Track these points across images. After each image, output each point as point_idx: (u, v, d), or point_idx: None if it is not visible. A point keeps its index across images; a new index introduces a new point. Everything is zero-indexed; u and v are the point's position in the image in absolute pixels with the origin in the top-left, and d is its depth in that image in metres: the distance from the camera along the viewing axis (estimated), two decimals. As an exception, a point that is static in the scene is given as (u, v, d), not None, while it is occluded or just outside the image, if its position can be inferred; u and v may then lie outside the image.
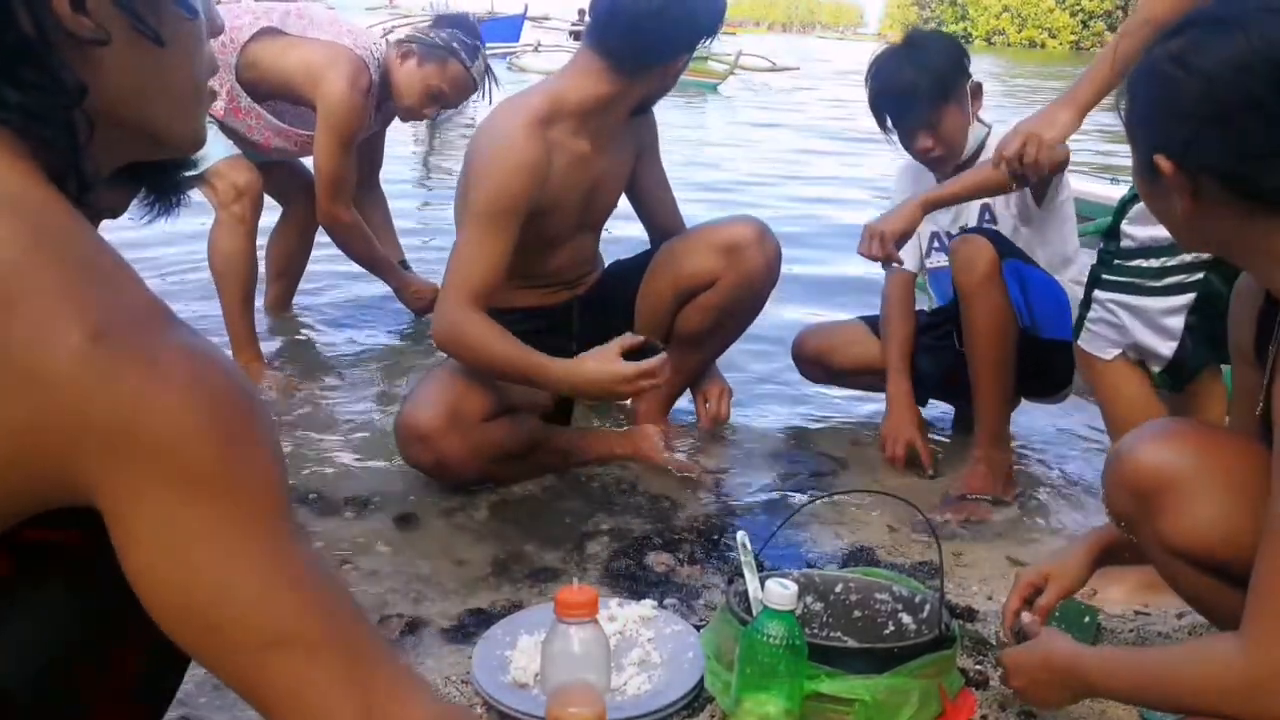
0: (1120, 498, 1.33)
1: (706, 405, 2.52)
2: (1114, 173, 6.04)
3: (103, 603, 0.74)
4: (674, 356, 2.42)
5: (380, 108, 2.98)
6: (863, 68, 2.41)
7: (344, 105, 2.76)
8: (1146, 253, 1.84)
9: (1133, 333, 1.87)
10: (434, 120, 3.09)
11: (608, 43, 2.09)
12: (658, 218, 2.49)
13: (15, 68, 0.70)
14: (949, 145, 2.32)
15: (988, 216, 2.39)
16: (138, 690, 0.81)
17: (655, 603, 1.69)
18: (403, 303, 3.31)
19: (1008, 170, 1.93)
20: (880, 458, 2.42)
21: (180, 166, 0.90)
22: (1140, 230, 1.82)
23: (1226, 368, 1.82)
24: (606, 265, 2.51)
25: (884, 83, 2.34)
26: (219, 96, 2.76)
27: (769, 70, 18.88)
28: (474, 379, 2.12)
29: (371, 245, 3.15)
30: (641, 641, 1.56)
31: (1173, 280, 1.82)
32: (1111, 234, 1.89)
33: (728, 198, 5.81)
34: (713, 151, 8.37)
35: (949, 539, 2.05)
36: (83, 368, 0.65)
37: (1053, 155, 1.90)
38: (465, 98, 3.00)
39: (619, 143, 2.28)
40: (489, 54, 3.05)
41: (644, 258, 2.44)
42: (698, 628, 1.61)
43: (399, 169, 5.71)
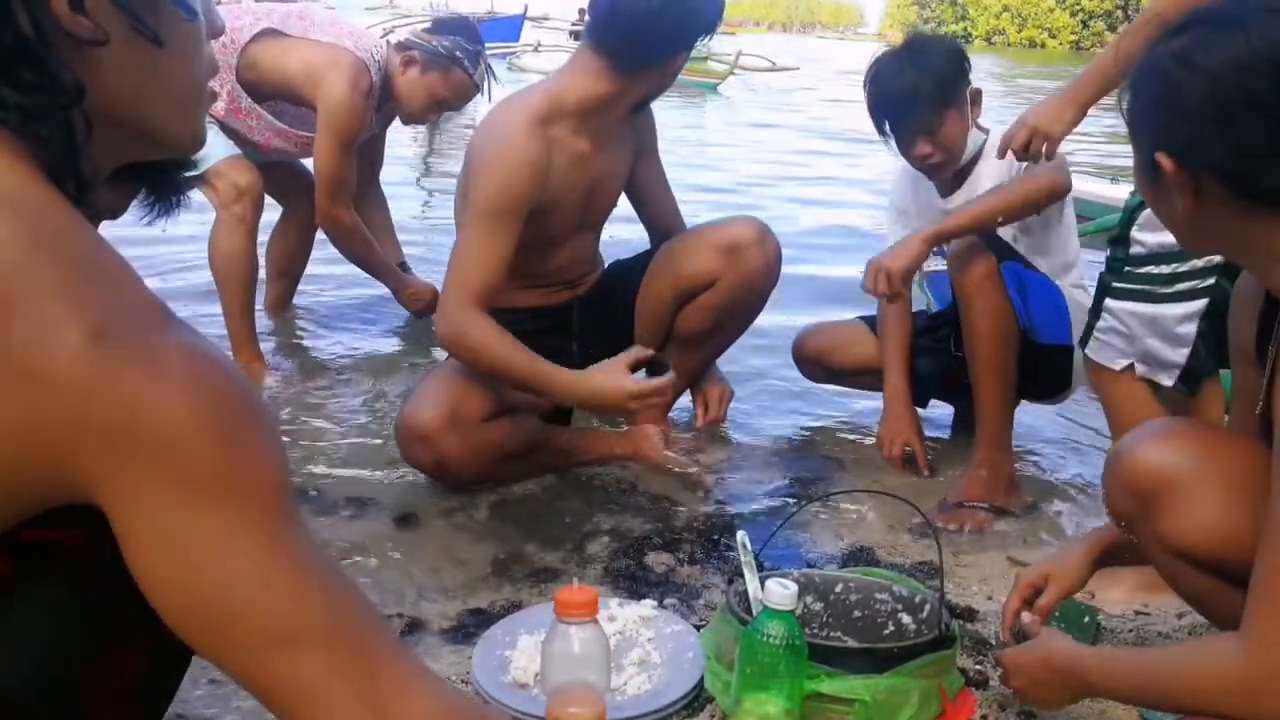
0: (1120, 498, 1.33)
1: (706, 406, 2.53)
2: (1113, 173, 6.04)
3: (103, 603, 0.74)
4: (674, 356, 2.42)
5: (380, 109, 2.98)
6: (863, 68, 2.38)
7: (345, 107, 2.76)
8: (1157, 259, 1.83)
9: (1143, 341, 1.86)
10: (435, 122, 3.10)
11: (607, 41, 2.09)
12: (657, 217, 2.49)
13: (14, 68, 0.70)
14: (948, 152, 2.29)
15: None
16: (138, 690, 0.81)
17: (655, 603, 1.69)
18: (401, 304, 3.32)
19: (1015, 160, 2.04)
20: (880, 458, 2.41)
21: (180, 167, 0.91)
22: (1151, 236, 1.82)
23: (1224, 371, 1.81)
24: (606, 265, 2.51)
25: (883, 87, 2.29)
26: (219, 97, 2.76)
27: (769, 70, 18.86)
28: (474, 379, 2.12)
29: (370, 247, 3.15)
30: (641, 641, 1.56)
31: (1184, 286, 1.82)
32: (1121, 241, 1.88)
33: (728, 199, 5.80)
34: (712, 152, 8.37)
35: (949, 540, 2.05)
36: (82, 367, 0.65)
37: (1055, 149, 1.97)
38: (468, 102, 3.03)
39: (618, 141, 2.28)
40: (489, 54, 3.06)
41: (644, 258, 2.44)
42: (698, 628, 1.61)
43: (399, 170, 5.71)
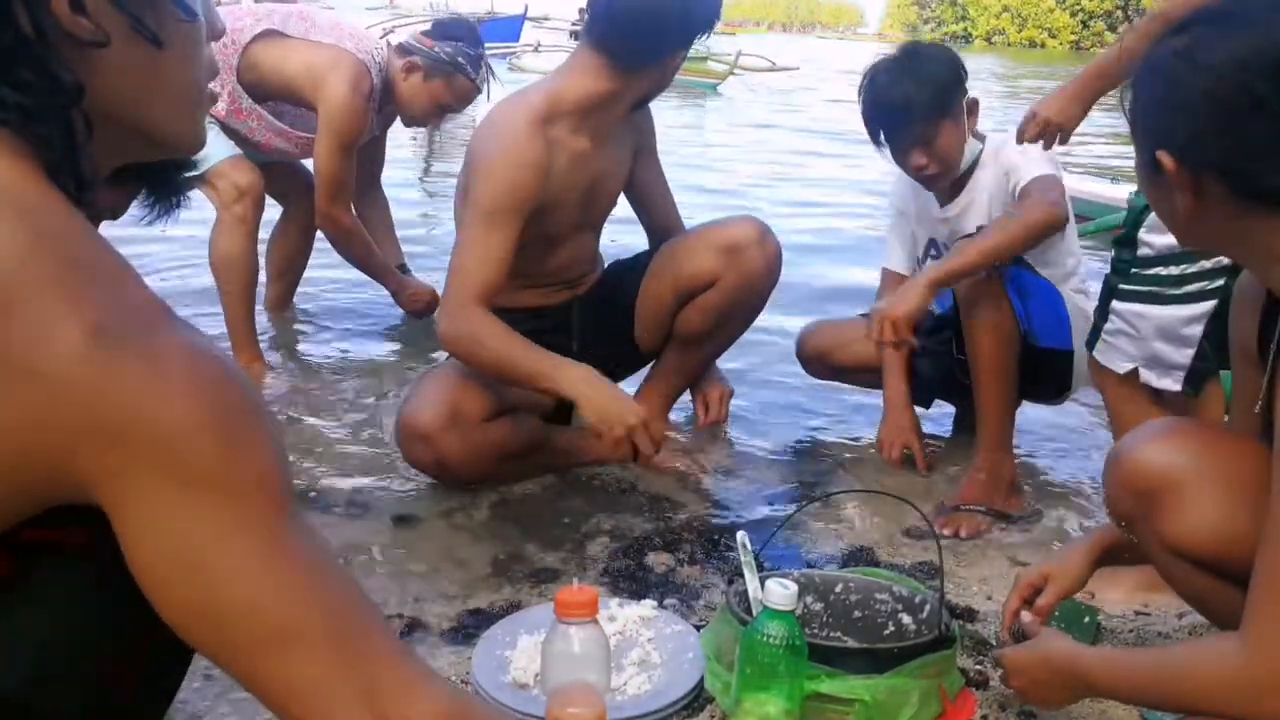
0: (1121, 498, 1.33)
1: (707, 406, 2.53)
2: (1113, 173, 6.05)
3: (102, 602, 0.74)
4: (675, 356, 2.43)
5: (381, 111, 2.98)
6: (862, 68, 2.35)
7: (345, 109, 2.77)
8: (1165, 260, 1.83)
9: (1150, 344, 1.86)
10: (436, 124, 3.11)
11: (605, 40, 2.09)
12: (656, 216, 2.48)
13: (14, 68, 0.70)
14: (944, 163, 2.24)
15: None
16: (138, 690, 0.81)
17: (655, 603, 1.68)
18: (400, 305, 3.32)
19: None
20: (880, 459, 2.41)
21: (180, 167, 0.91)
22: (1158, 238, 1.81)
23: (1224, 372, 1.81)
24: (606, 265, 2.51)
25: (877, 97, 2.24)
26: (220, 98, 2.76)
27: (769, 70, 18.86)
28: (474, 379, 2.12)
29: (370, 249, 3.15)
30: (641, 641, 1.56)
31: (1193, 288, 1.81)
32: (1128, 242, 1.88)
33: (728, 202, 5.79)
34: (712, 153, 8.36)
35: (949, 541, 2.05)
36: (83, 366, 0.65)
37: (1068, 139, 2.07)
38: (469, 104, 3.04)
39: (618, 140, 2.28)
40: (489, 54, 3.06)
41: (644, 258, 2.44)
42: (698, 628, 1.61)
43: (400, 172, 5.70)
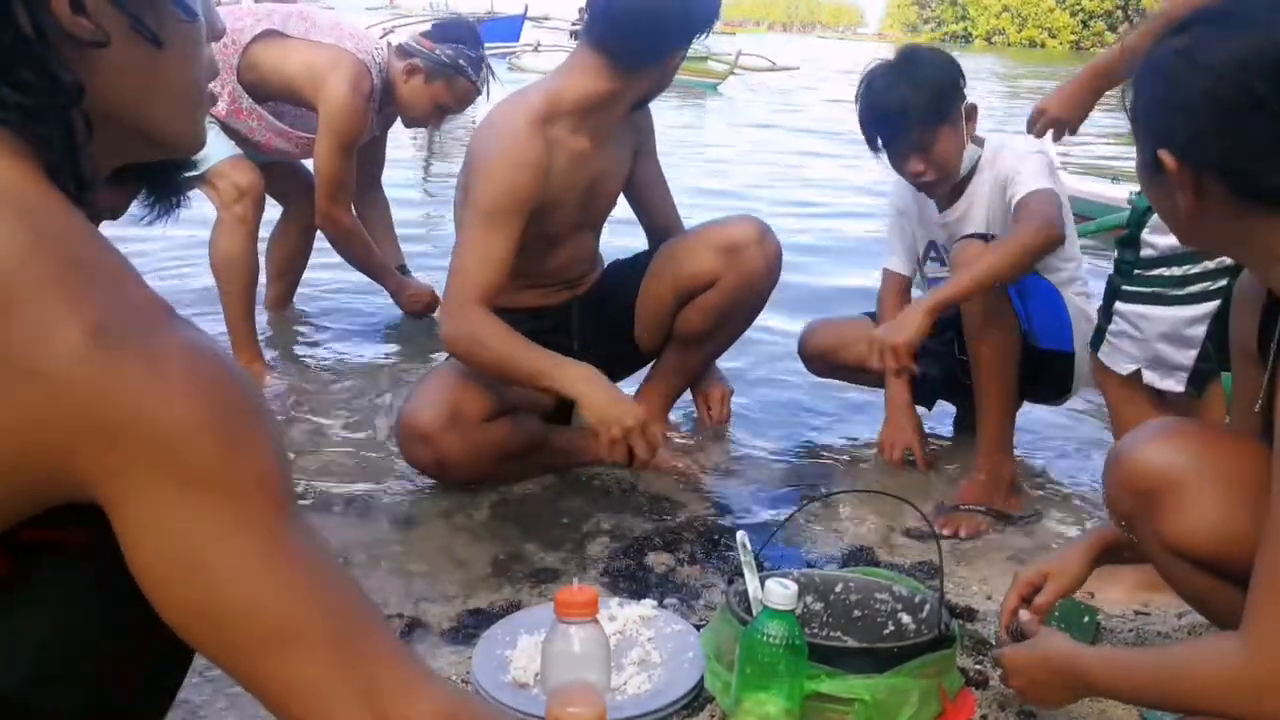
0: (1121, 497, 1.33)
1: (708, 406, 2.53)
2: (1113, 173, 6.04)
3: (103, 602, 0.74)
4: (675, 356, 2.43)
5: (381, 111, 2.98)
6: (862, 68, 2.33)
7: (346, 109, 2.77)
8: (1168, 261, 1.83)
9: (1153, 345, 1.86)
10: (437, 125, 3.11)
11: (605, 39, 2.09)
12: (656, 216, 2.48)
13: (14, 68, 0.70)
14: (942, 170, 2.23)
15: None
16: (138, 690, 0.81)
17: (655, 603, 1.69)
18: (400, 306, 3.32)
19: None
20: (881, 459, 2.41)
21: (180, 167, 0.91)
22: (1161, 239, 1.81)
23: (1226, 373, 1.81)
24: (606, 265, 2.51)
25: (874, 102, 2.22)
26: (220, 98, 2.76)
27: (769, 70, 18.86)
28: (474, 379, 2.12)
29: (369, 249, 3.15)
30: (641, 641, 1.56)
31: (1196, 289, 1.81)
32: (1131, 243, 1.88)
33: (728, 202, 5.79)
34: (712, 153, 8.36)
35: (949, 540, 2.05)
36: (83, 365, 0.65)
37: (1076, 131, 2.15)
38: (469, 105, 3.04)
39: (618, 140, 2.28)
40: (489, 54, 3.06)
41: (643, 258, 2.44)
42: (698, 628, 1.61)
43: (400, 172, 5.70)
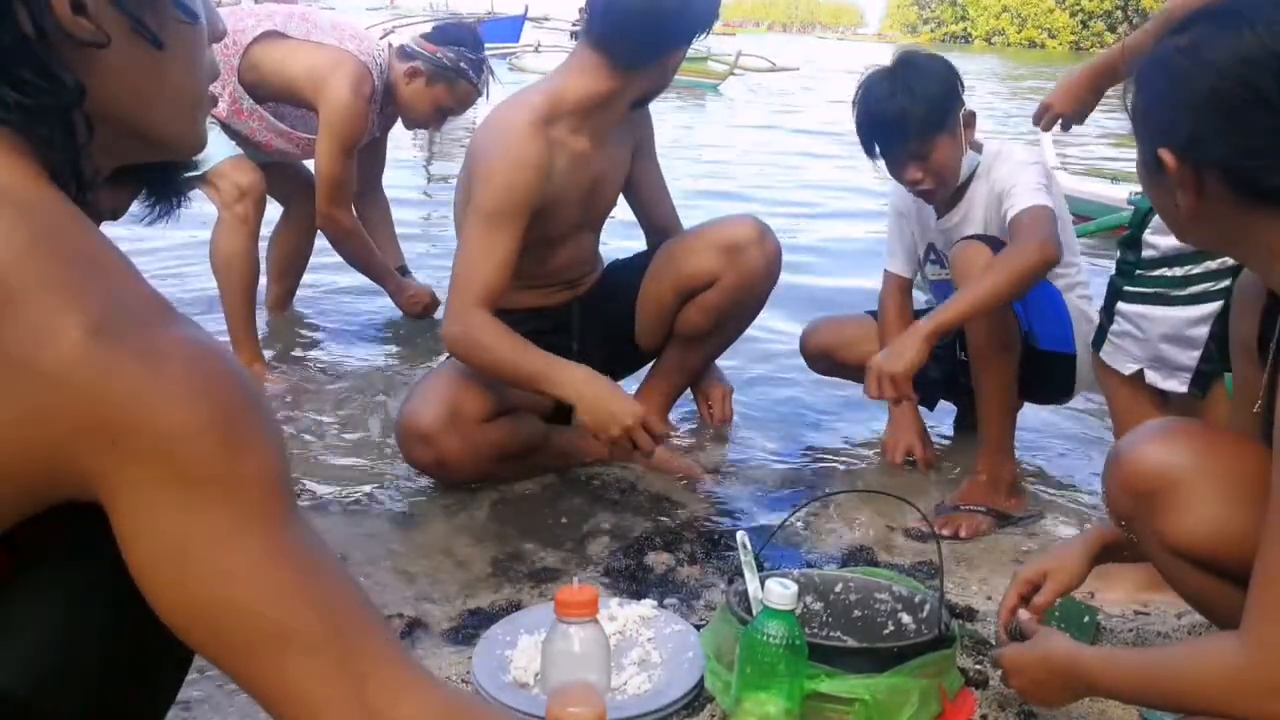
0: (1120, 497, 1.33)
1: (709, 405, 2.53)
2: (1113, 173, 6.04)
3: (102, 602, 0.74)
4: (675, 356, 2.43)
5: (382, 112, 2.99)
6: (862, 68, 2.34)
7: (347, 110, 2.77)
8: (1170, 262, 1.83)
9: (1155, 345, 1.86)
10: (437, 126, 3.12)
11: (605, 39, 2.09)
12: (655, 216, 2.48)
13: (15, 68, 0.70)
14: (940, 178, 2.20)
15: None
16: (138, 690, 0.81)
17: (655, 603, 1.69)
18: (399, 307, 3.32)
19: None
20: (882, 459, 2.42)
21: (181, 167, 0.91)
22: (1163, 239, 1.81)
23: (1228, 374, 1.81)
24: (606, 265, 2.51)
25: (871, 110, 2.18)
26: (221, 98, 2.76)
27: (769, 70, 18.87)
28: (474, 379, 2.12)
29: (369, 250, 3.15)
30: (641, 641, 1.56)
31: (1198, 289, 1.81)
32: (1132, 244, 1.88)
33: (728, 203, 5.79)
34: (712, 154, 8.36)
35: (949, 541, 2.05)
36: (84, 363, 0.65)
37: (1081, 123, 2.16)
38: (470, 107, 3.05)
39: (617, 140, 2.28)
40: (489, 54, 3.07)
41: (643, 258, 2.44)
42: (698, 628, 1.61)
43: (401, 174, 5.71)
